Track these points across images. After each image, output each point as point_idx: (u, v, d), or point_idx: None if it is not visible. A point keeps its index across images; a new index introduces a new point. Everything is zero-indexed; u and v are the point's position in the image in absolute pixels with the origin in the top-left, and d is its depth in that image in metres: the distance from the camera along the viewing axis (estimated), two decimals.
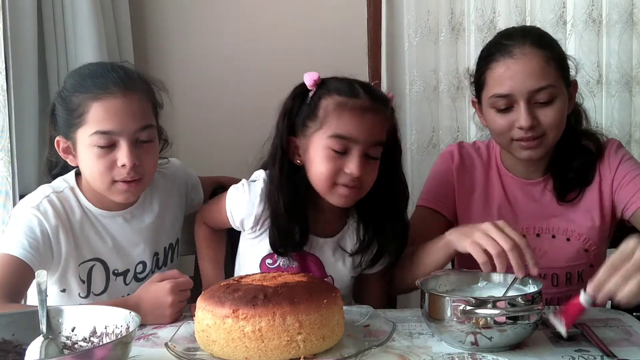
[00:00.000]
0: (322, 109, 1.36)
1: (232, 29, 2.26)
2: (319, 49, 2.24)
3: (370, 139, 1.35)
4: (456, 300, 1.11)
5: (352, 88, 1.38)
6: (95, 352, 0.95)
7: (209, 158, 1.97)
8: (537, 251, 1.47)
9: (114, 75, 1.38)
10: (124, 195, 1.41)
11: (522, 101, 1.40)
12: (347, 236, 1.49)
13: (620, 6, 2.01)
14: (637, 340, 1.15)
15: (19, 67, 1.72)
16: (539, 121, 1.41)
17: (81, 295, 1.45)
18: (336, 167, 1.34)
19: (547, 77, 1.40)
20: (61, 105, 1.41)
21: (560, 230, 1.52)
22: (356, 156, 1.33)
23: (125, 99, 1.37)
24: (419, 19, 2.18)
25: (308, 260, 1.47)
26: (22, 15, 1.75)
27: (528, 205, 1.54)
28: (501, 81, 1.42)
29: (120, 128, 1.36)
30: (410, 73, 2.21)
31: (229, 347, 1.08)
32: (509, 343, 1.10)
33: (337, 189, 1.36)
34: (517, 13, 2.10)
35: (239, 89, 1.77)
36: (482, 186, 1.58)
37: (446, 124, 2.22)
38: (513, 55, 1.41)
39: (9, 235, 1.38)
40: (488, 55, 1.46)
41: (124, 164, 1.36)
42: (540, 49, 1.41)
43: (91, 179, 1.41)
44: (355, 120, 1.34)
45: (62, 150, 1.43)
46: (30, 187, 1.75)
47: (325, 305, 1.10)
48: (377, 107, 1.37)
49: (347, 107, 1.34)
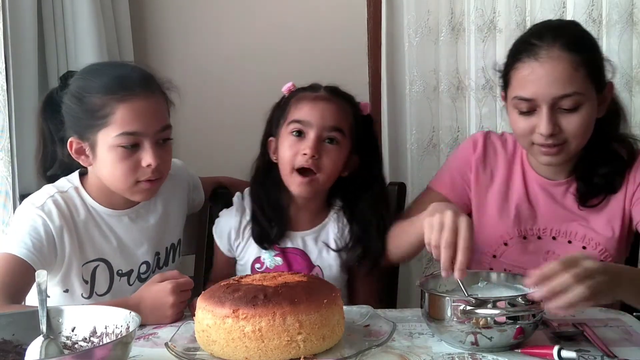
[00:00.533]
0: (288, 106, 1.52)
1: (232, 29, 2.26)
2: (319, 49, 2.24)
3: (323, 122, 1.46)
4: (456, 300, 1.11)
5: (313, 85, 1.54)
6: (95, 352, 0.96)
7: (209, 158, 1.97)
8: (551, 254, 1.46)
9: (135, 76, 1.40)
10: (145, 194, 1.43)
11: (544, 107, 1.33)
12: (329, 228, 1.56)
13: (620, 6, 2.01)
14: (637, 340, 1.15)
15: (19, 67, 1.71)
16: (561, 128, 1.34)
17: (84, 295, 1.45)
18: (294, 151, 1.46)
19: (574, 84, 1.32)
20: (77, 105, 1.39)
21: (578, 236, 1.46)
22: (311, 138, 1.45)
23: (148, 100, 1.39)
24: (419, 19, 2.18)
25: (292, 254, 1.54)
26: (22, 15, 1.75)
27: (548, 205, 1.48)
28: (525, 84, 1.35)
29: (145, 129, 1.38)
30: (410, 73, 2.21)
31: (229, 347, 1.08)
32: (509, 343, 1.10)
33: (294, 177, 1.47)
34: (517, 13, 2.10)
35: (239, 89, 1.77)
36: (502, 180, 1.52)
37: (446, 124, 2.22)
38: (539, 58, 1.33)
39: (12, 235, 1.38)
40: (516, 53, 1.39)
41: (150, 164, 1.38)
42: (570, 53, 1.32)
43: (112, 179, 1.41)
44: (308, 105, 1.48)
45: (75, 151, 1.42)
46: (30, 187, 1.75)
47: (326, 305, 1.11)
48: (333, 98, 1.51)
49: (304, 97, 1.51)
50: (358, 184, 1.54)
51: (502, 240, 1.49)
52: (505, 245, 1.49)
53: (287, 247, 1.55)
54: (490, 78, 2.16)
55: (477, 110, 2.18)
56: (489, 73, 2.15)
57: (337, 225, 1.56)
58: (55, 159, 1.49)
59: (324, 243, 1.55)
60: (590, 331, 1.16)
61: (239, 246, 1.58)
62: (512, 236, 1.48)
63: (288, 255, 1.55)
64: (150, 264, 1.53)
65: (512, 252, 1.49)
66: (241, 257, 1.58)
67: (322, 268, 1.54)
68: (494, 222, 1.50)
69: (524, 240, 1.48)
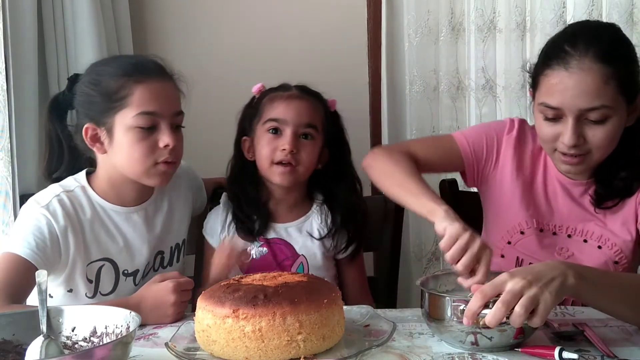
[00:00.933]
0: (261, 105, 1.60)
1: (232, 29, 2.26)
2: (319, 49, 2.24)
3: (299, 120, 1.55)
4: (456, 300, 1.11)
5: (284, 85, 1.62)
6: (95, 352, 0.95)
7: (209, 158, 1.96)
8: (565, 251, 1.46)
9: (150, 62, 1.45)
10: (162, 177, 1.44)
11: (570, 117, 1.31)
12: (312, 220, 1.63)
13: (620, 6, 2.01)
14: (637, 340, 1.15)
15: (19, 67, 1.71)
16: (585, 139, 1.32)
17: (88, 295, 1.44)
18: (273, 147, 1.54)
19: (602, 98, 1.28)
20: (93, 90, 1.41)
21: (595, 236, 1.45)
22: (288, 135, 1.54)
23: (164, 84, 1.43)
24: (419, 19, 2.18)
25: (276, 244, 1.61)
26: (22, 15, 1.75)
27: (566, 204, 1.47)
28: (552, 93, 1.32)
29: (162, 110, 1.40)
30: (410, 73, 2.21)
31: (229, 347, 1.08)
32: (509, 343, 1.10)
33: (275, 168, 1.55)
34: (517, 13, 2.10)
35: (239, 88, 1.77)
36: (527, 171, 1.51)
37: (446, 124, 2.22)
38: (569, 68, 1.29)
39: (15, 234, 1.37)
40: (547, 56, 1.35)
41: (167, 144, 1.40)
42: (601, 65, 1.27)
43: (129, 162, 1.41)
44: (282, 104, 1.56)
45: (90, 138, 1.42)
46: (30, 187, 1.76)
47: (326, 305, 1.10)
48: (304, 96, 1.59)
49: (277, 97, 1.58)
50: (332, 176, 1.63)
51: (520, 229, 1.49)
52: (522, 233, 1.49)
53: (271, 238, 1.61)
54: (490, 78, 2.16)
55: (477, 110, 2.18)
56: (488, 73, 2.16)
57: (320, 216, 1.62)
58: (61, 162, 1.50)
59: (308, 233, 1.61)
60: (591, 331, 1.16)
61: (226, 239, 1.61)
62: (530, 226, 1.48)
63: (273, 246, 1.60)
64: (156, 264, 1.53)
65: (527, 242, 1.49)
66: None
67: (307, 257, 1.60)
68: (514, 209, 1.50)
69: (540, 232, 1.48)
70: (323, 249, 1.61)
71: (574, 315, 1.29)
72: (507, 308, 1.03)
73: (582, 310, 1.29)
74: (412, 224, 2.24)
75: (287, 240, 1.61)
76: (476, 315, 1.06)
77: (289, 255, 1.60)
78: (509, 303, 1.03)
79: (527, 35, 2.11)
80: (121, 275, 1.47)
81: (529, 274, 1.06)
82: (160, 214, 1.55)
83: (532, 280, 1.05)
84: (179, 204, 1.60)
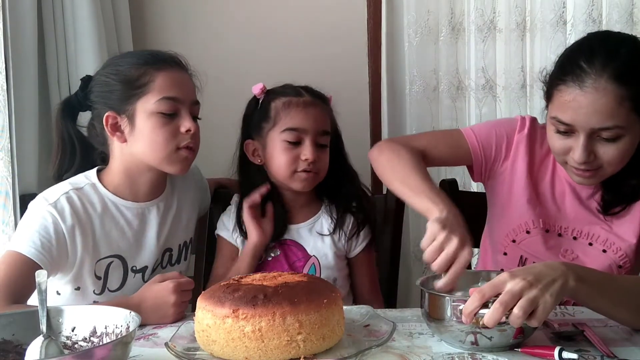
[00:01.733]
0: (273, 110, 1.57)
1: (232, 29, 2.26)
2: (319, 49, 2.24)
3: (317, 128, 1.56)
4: (456, 300, 1.11)
5: (294, 89, 1.60)
6: (95, 352, 0.95)
7: (209, 158, 1.96)
8: (569, 253, 1.46)
9: (167, 54, 1.49)
10: (183, 163, 1.46)
11: (582, 134, 1.29)
12: (322, 219, 1.63)
13: (620, 6, 2.01)
14: (637, 340, 1.15)
15: (19, 67, 1.71)
16: (596, 156, 1.32)
17: (95, 292, 1.44)
18: (293, 156, 1.54)
19: (615, 118, 1.26)
20: (114, 79, 1.44)
21: (600, 239, 1.44)
22: (309, 144, 1.54)
23: (182, 74, 1.48)
24: (419, 19, 2.18)
25: (288, 246, 1.61)
26: (22, 15, 1.75)
27: (574, 206, 1.47)
28: (565, 109, 1.30)
29: (183, 96, 1.44)
30: (410, 73, 2.21)
31: (229, 347, 1.08)
32: (509, 343, 1.10)
33: (296, 175, 1.55)
34: (517, 13, 2.10)
35: (239, 89, 1.77)
36: (535, 170, 1.50)
37: (446, 124, 2.22)
38: (584, 87, 1.26)
39: (21, 232, 1.36)
40: (563, 70, 1.32)
41: (189, 129, 1.43)
42: (617, 86, 1.25)
43: (151, 148, 1.42)
44: (301, 113, 1.55)
45: (110, 126, 1.43)
46: (30, 187, 1.76)
47: (325, 305, 1.10)
48: (318, 102, 1.59)
49: (292, 103, 1.56)
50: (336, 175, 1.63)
51: (526, 228, 1.49)
52: (528, 233, 1.49)
53: (283, 239, 1.61)
54: (490, 78, 2.16)
55: (477, 110, 2.18)
56: (488, 73, 2.16)
57: (330, 215, 1.63)
58: (72, 162, 1.50)
59: (318, 233, 1.61)
60: (590, 331, 1.16)
61: (237, 240, 1.62)
62: (536, 226, 1.48)
63: (285, 247, 1.60)
64: (164, 261, 1.53)
65: (532, 242, 1.48)
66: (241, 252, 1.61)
67: (319, 257, 1.60)
68: (521, 208, 1.49)
69: (546, 233, 1.48)
70: (334, 249, 1.61)
71: (574, 315, 1.29)
72: (505, 309, 1.03)
73: (582, 310, 1.29)
74: (412, 224, 2.24)
75: (299, 241, 1.61)
76: (473, 314, 1.06)
77: (301, 257, 1.60)
78: (507, 304, 1.03)
79: (527, 35, 2.11)
80: (130, 272, 1.47)
81: (529, 275, 1.06)
82: (171, 211, 1.55)
83: (533, 282, 1.04)
84: (187, 203, 1.60)
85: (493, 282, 1.07)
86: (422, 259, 1.19)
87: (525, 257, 1.49)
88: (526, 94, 2.13)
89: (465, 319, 1.06)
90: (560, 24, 2.05)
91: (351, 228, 1.62)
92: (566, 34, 2.05)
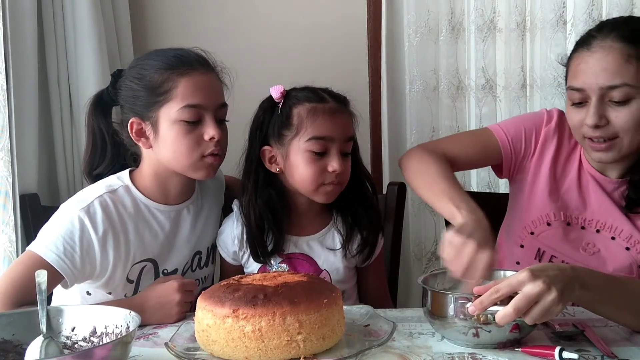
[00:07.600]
0: (296, 117, 1.46)
1: (232, 29, 2.26)
2: (319, 49, 2.24)
3: (344, 135, 1.47)
4: (459, 298, 1.11)
5: (317, 94, 1.49)
6: (95, 352, 0.95)
7: None
8: (591, 247, 1.45)
9: (192, 54, 1.44)
10: (209, 170, 1.42)
11: (593, 97, 1.31)
12: (334, 231, 1.56)
13: (620, 6, 2.01)
14: (637, 340, 1.15)
15: (19, 67, 1.71)
16: (608, 121, 1.31)
17: (127, 295, 1.42)
18: (319, 168, 1.45)
19: (623, 75, 1.28)
20: (138, 85, 1.40)
21: (623, 235, 1.42)
22: (335, 154, 1.45)
23: (207, 76, 1.43)
24: (419, 19, 2.18)
25: (298, 260, 1.53)
26: (22, 15, 1.75)
27: (599, 198, 1.45)
28: (576, 74, 1.34)
29: (207, 102, 1.39)
30: (410, 73, 2.21)
31: (229, 347, 1.08)
32: (506, 337, 1.11)
33: (322, 188, 1.47)
34: (517, 13, 2.10)
35: (239, 89, 1.77)
36: (561, 162, 1.49)
37: (446, 123, 2.22)
38: (591, 48, 1.31)
39: (46, 233, 1.33)
40: (575, 46, 1.38)
41: (213, 137, 1.39)
42: (623, 44, 1.28)
43: (175, 156, 1.40)
44: (328, 121, 1.45)
45: (135, 132, 1.41)
46: (30, 187, 1.76)
47: (325, 305, 1.11)
48: (342, 107, 1.50)
49: (318, 110, 1.45)
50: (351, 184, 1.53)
51: (547, 220, 1.48)
52: (548, 225, 1.48)
53: (292, 253, 1.53)
54: (490, 78, 2.16)
55: (477, 110, 2.18)
56: (488, 73, 2.15)
57: (342, 227, 1.55)
58: (103, 158, 1.48)
59: (329, 248, 1.54)
60: (591, 331, 1.16)
61: (244, 255, 1.55)
62: (557, 218, 1.47)
63: (293, 261, 1.53)
64: (194, 264, 1.52)
65: (552, 234, 1.47)
66: (247, 266, 1.56)
67: (330, 272, 1.54)
68: (543, 200, 1.48)
69: (567, 226, 1.47)
70: (345, 262, 1.54)
71: (574, 315, 1.29)
72: (517, 314, 1.04)
73: (582, 310, 1.29)
74: (412, 224, 2.24)
75: (310, 254, 1.54)
76: (485, 309, 1.06)
77: (312, 271, 1.52)
78: (520, 310, 1.03)
79: (527, 35, 2.11)
80: (160, 275, 1.45)
81: (547, 277, 1.05)
82: (201, 213, 1.54)
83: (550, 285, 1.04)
84: (213, 205, 1.59)
85: (511, 281, 1.07)
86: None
87: (543, 249, 1.47)
88: (526, 94, 2.13)
89: (473, 308, 1.07)
90: (560, 24, 2.05)
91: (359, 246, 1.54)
92: (566, 34, 2.05)
